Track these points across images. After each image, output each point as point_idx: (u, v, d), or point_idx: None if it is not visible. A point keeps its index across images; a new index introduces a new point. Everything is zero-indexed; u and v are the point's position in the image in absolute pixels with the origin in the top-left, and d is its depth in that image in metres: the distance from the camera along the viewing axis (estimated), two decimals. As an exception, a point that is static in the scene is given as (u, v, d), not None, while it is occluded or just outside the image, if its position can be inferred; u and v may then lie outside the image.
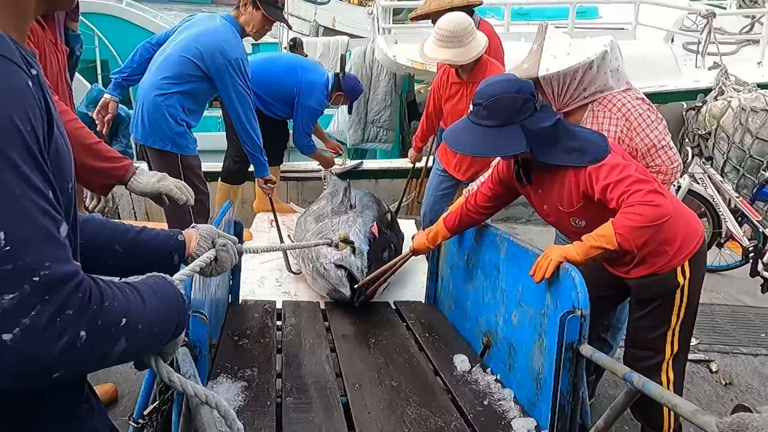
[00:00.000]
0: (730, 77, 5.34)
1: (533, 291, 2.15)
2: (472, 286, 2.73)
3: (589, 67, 2.26)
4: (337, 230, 3.25)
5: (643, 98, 2.35)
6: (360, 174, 5.46)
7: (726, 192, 4.13)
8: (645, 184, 1.85)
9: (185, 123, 3.17)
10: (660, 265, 2.03)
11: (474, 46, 3.33)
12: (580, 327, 1.84)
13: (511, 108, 2.00)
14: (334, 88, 4.41)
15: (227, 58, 3.11)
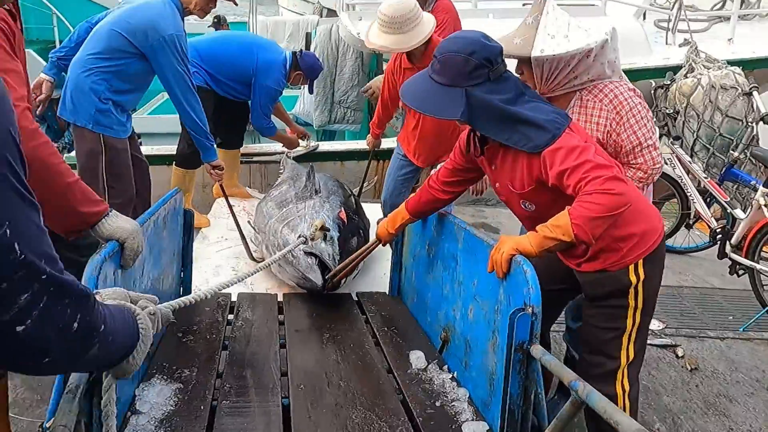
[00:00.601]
0: (700, 54, 5.22)
1: (488, 285, 2.03)
2: (432, 277, 2.60)
3: (587, 55, 2.09)
4: (304, 216, 3.11)
5: (635, 89, 2.20)
6: (325, 156, 5.28)
7: (694, 173, 4.04)
8: (604, 170, 1.71)
9: (111, 101, 2.97)
10: (611, 262, 1.90)
11: (416, 32, 3.13)
12: (531, 326, 1.71)
13: (460, 70, 1.86)
14: (293, 68, 4.23)
15: (161, 33, 2.91)
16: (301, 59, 4.27)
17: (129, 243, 1.74)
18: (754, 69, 5.64)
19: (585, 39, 2.09)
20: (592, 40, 2.08)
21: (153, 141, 6.07)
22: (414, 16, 3.16)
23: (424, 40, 3.18)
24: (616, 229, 1.84)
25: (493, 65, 1.87)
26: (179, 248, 2.71)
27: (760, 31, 6.40)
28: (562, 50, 2.09)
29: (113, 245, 1.70)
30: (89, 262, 1.58)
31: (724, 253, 3.78)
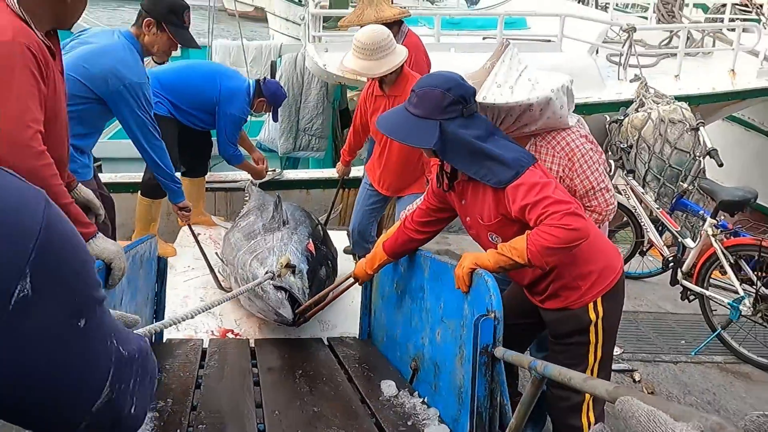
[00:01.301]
0: (649, 90, 5.50)
1: (453, 303, 2.13)
2: (401, 313, 2.67)
3: (529, 109, 2.20)
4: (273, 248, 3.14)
5: (587, 136, 2.33)
6: (291, 184, 5.33)
7: (647, 203, 4.24)
8: (563, 205, 1.83)
9: (71, 147, 2.89)
10: (572, 300, 2.02)
11: (388, 60, 3.26)
12: (494, 330, 1.84)
13: (437, 103, 1.98)
14: (256, 95, 4.28)
15: (123, 82, 2.84)
16: (264, 86, 4.32)
17: (116, 263, 1.83)
18: (699, 104, 5.96)
19: (527, 94, 2.19)
20: (534, 96, 2.17)
21: (114, 166, 6.02)
22: (387, 45, 3.28)
23: (394, 69, 3.30)
24: (576, 266, 1.96)
25: (467, 103, 1.99)
26: (152, 293, 2.71)
27: (704, 68, 6.78)
28: (501, 100, 2.20)
29: (98, 264, 1.76)
30: None
31: (676, 280, 3.96)
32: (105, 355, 0.67)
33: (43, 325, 0.57)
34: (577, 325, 2.02)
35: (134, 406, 0.74)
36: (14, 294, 0.53)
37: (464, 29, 6.61)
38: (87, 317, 0.63)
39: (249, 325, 3.23)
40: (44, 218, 0.57)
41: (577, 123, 2.37)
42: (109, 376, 0.67)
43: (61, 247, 0.59)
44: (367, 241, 3.95)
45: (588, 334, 2.02)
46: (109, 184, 5.04)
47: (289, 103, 6.17)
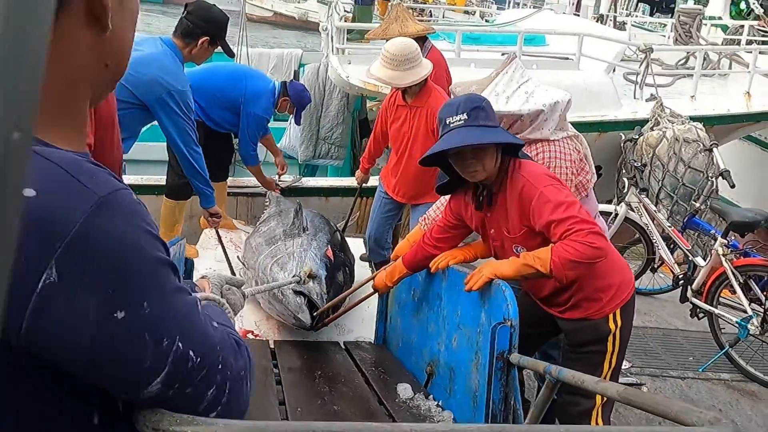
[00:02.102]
0: (665, 109, 5.58)
1: (470, 311, 2.23)
2: (417, 319, 2.76)
3: (519, 119, 2.36)
4: (293, 254, 3.24)
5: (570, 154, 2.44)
6: (310, 191, 5.44)
7: (659, 221, 4.31)
8: (587, 224, 1.92)
9: None
10: (593, 311, 2.12)
11: (414, 72, 3.39)
12: (510, 337, 1.93)
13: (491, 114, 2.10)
14: (281, 94, 4.37)
15: (167, 89, 2.97)
16: (290, 86, 4.40)
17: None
18: (714, 125, 6.03)
19: (519, 105, 2.34)
20: (525, 108, 2.33)
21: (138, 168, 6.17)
22: (414, 57, 3.41)
23: (419, 81, 3.43)
24: (597, 279, 2.06)
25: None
26: None
27: (720, 89, 6.84)
28: (495, 108, 2.32)
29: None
30: None
31: (686, 298, 4.02)
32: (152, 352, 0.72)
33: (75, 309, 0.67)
34: (596, 334, 2.12)
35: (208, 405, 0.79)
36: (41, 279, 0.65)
37: (484, 44, 6.72)
38: (127, 310, 0.70)
39: (268, 327, 3.33)
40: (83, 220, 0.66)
41: (565, 138, 2.46)
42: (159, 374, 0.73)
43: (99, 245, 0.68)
44: (383, 248, 4.05)
45: (606, 343, 2.12)
46: (134, 186, 5.22)
47: (311, 112, 6.28)
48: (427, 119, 3.54)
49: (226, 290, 1.40)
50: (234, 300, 1.38)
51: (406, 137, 3.68)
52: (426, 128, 3.57)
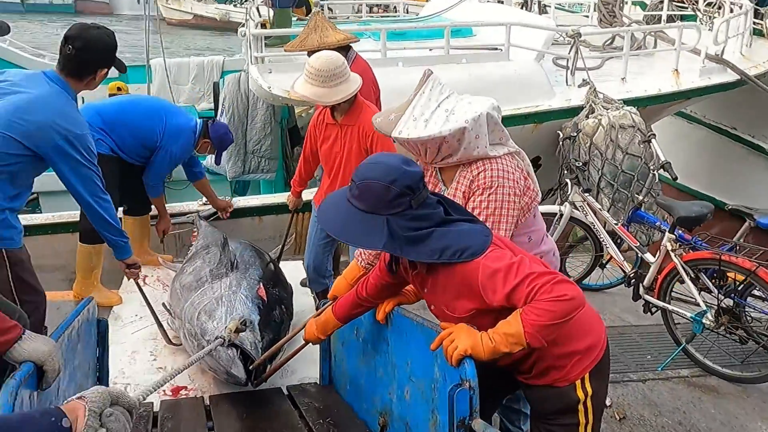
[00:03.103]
0: (598, 95, 5.51)
1: (422, 363, 2.00)
2: (364, 361, 2.53)
3: (444, 141, 2.14)
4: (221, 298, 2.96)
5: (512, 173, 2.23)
6: (242, 212, 5.11)
7: (605, 218, 4.21)
8: (547, 276, 1.69)
9: (6, 210, 2.62)
10: (556, 378, 1.89)
11: (342, 88, 3.15)
12: (470, 401, 1.71)
13: (380, 198, 1.78)
14: (202, 135, 4.09)
15: (63, 135, 2.61)
16: (212, 127, 4.15)
17: (49, 365, 1.64)
18: (646, 106, 6.01)
19: (439, 127, 2.12)
20: (446, 129, 2.11)
21: (53, 201, 5.69)
22: (341, 72, 3.16)
23: (348, 98, 3.20)
24: (557, 347, 1.83)
25: (414, 192, 1.79)
26: (93, 361, 2.50)
27: (648, 67, 6.84)
28: (414, 135, 2.14)
29: (28, 367, 1.59)
30: (2, 389, 1.46)
31: (638, 295, 3.94)
32: None
33: None
34: (564, 404, 1.88)
35: None
36: None
37: (411, 40, 6.49)
38: None
39: (204, 380, 3.03)
40: None
41: (505, 155, 2.26)
42: None
43: None
44: (324, 277, 3.80)
45: (577, 414, 1.89)
46: (47, 225, 4.78)
47: (236, 125, 5.94)
48: (359, 138, 3.31)
49: (107, 416, 1.16)
50: (117, 428, 1.16)
51: (338, 157, 3.43)
52: (359, 147, 3.33)
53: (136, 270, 3.29)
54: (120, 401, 1.22)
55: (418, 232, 1.78)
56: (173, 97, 7.64)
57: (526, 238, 2.36)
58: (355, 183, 1.83)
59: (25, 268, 2.69)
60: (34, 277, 2.75)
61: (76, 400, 1.16)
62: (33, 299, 2.68)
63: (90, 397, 1.16)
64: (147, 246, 4.50)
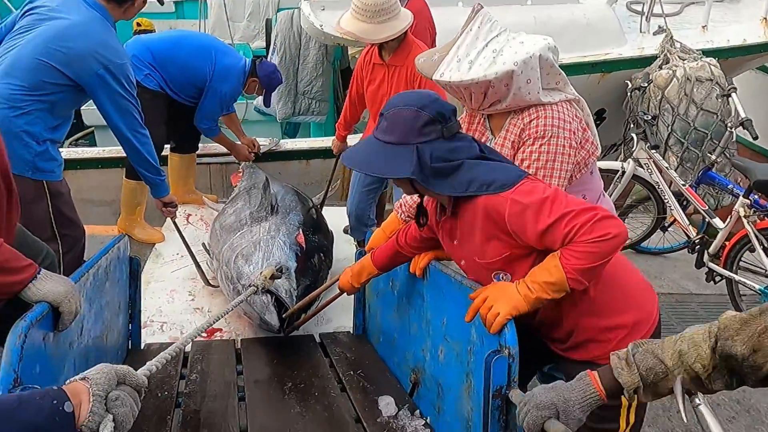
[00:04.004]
0: (675, 44, 5.10)
1: (458, 324, 1.88)
2: (398, 315, 2.43)
3: (490, 85, 1.94)
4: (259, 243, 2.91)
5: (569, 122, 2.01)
6: (289, 155, 5.04)
7: (672, 179, 3.92)
8: (587, 213, 1.52)
9: (48, 141, 2.58)
10: (597, 354, 1.69)
11: (390, 25, 2.97)
12: (508, 369, 1.58)
13: (410, 125, 1.67)
14: (250, 74, 3.98)
15: (104, 63, 2.53)
16: (259, 66, 4.03)
17: (65, 306, 1.58)
18: (728, 58, 5.54)
19: (484, 70, 1.93)
20: (491, 72, 1.92)
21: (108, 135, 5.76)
22: (390, 8, 3.00)
23: (397, 35, 3.04)
24: (602, 318, 1.65)
25: (446, 121, 1.68)
26: (125, 299, 2.48)
27: (733, 16, 6.28)
28: (456, 78, 1.97)
29: (41, 308, 1.53)
30: (11, 331, 1.40)
31: (702, 263, 3.69)
32: None
33: None
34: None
35: None
36: None
37: (473, -21, 6.14)
38: None
39: (239, 323, 3.02)
40: None
41: (562, 102, 2.04)
42: None
43: None
44: (366, 225, 3.70)
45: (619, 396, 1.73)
46: (97, 159, 4.84)
47: (287, 65, 5.82)
48: (407, 80, 3.14)
49: (113, 400, 1.06)
50: (124, 413, 1.05)
51: (384, 100, 3.26)
52: (406, 90, 3.15)
53: (172, 209, 3.26)
54: (127, 380, 1.13)
55: (448, 164, 1.67)
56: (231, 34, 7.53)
57: (581, 196, 2.15)
58: (383, 115, 1.73)
59: (64, 202, 2.67)
60: (73, 211, 2.74)
61: (80, 381, 1.08)
62: (72, 233, 2.68)
63: (95, 378, 1.07)
64: (192, 185, 4.50)
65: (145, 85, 3.76)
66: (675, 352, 1.23)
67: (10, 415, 0.94)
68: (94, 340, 2.02)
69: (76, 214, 2.79)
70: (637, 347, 1.29)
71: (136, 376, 1.15)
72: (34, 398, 0.99)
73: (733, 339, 1.14)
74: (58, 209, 2.63)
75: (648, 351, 1.27)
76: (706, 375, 1.19)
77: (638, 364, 1.27)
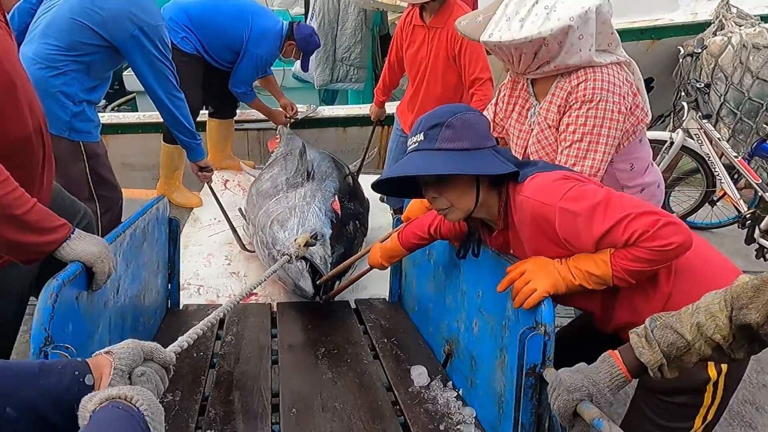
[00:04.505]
0: (731, 9, 4.85)
1: (494, 297, 1.84)
2: (434, 285, 2.41)
3: (544, 44, 1.85)
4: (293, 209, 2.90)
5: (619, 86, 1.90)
6: (326, 122, 5.02)
7: (724, 151, 3.75)
8: (648, 219, 1.41)
9: (84, 102, 2.60)
10: None
11: None
12: (543, 347, 1.53)
13: (479, 128, 1.62)
14: (287, 37, 3.93)
15: (138, 25, 2.52)
16: (297, 29, 3.98)
17: (98, 266, 1.58)
18: (789, 24, 5.25)
19: (538, 27, 1.83)
20: (546, 29, 1.82)
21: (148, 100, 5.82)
22: None
23: None
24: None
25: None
26: (164, 259, 2.51)
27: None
28: (507, 38, 1.86)
29: (74, 267, 1.53)
30: (43, 290, 1.41)
31: (753, 239, 3.55)
32: None
33: None
34: (688, 382, 1.52)
35: None
36: None
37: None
38: None
39: (274, 289, 3.04)
40: None
41: (612, 65, 1.93)
42: None
43: None
44: (403, 193, 3.65)
45: (703, 394, 1.56)
46: (137, 124, 4.89)
47: (325, 30, 5.76)
48: (447, 43, 3.05)
49: (138, 375, 1.04)
50: (149, 390, 1.02)
51: (423, 64, 3.20)
52: (446, 54, 3.07)
53: (208, 173, 3.27)
54: (155, 357, 1.10)
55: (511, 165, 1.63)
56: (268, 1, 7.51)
57: (628, 165, 2.08)
58: (442, 124, 1.62)
59: (101, 163, 2.70)
60: (110, 173, 2.78)
61: (104, 355, 1.06)
62: (109, 194, 2.71)
63: (119, 353, 1.05)
64: (230, 150, 4.52)
65: (181, 48, 3.77)
66: (693, 325, 1.19)
67: (31, 379, 0.94)
68: (131, 299, 2.05)
69: (113, 176, 2.82)
70: (654, 322, 1.25)
71: (164, 352, 1.12)
72: (56, 367, 0.99)
73: (748, 308, 1.12)
74: (95, 170, 2.66)
75: (666, 326, 1.23)
76: (727, 345, 1.16)
77: (658, 340, 1.22)
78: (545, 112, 2.00)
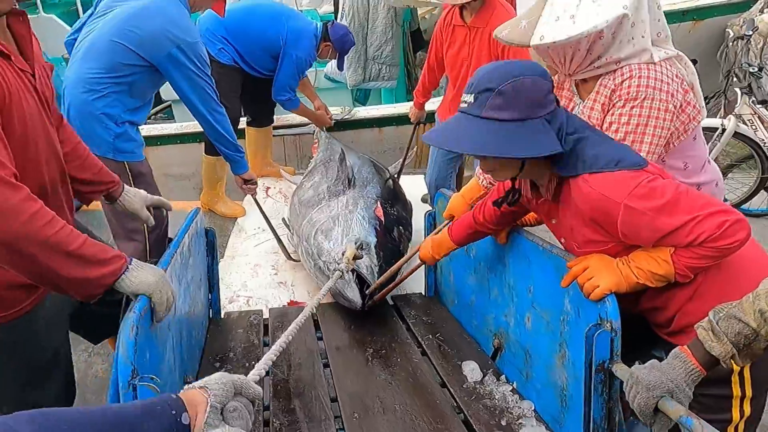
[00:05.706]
0: (781, -16, 4.80)
1: (548, 293, 1.94)
2: (475, 278, 2.52)
3: (599, 37, 1.88)
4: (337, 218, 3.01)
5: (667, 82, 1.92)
6: (362, 123, 5.15)
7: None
8: (715, 220, 1.45)
9: (126, 123, 2.72)
10: None
11: None
12: (611, 343, 1.61)
13: (535, 96, 1.57)
14: (322, 39, 4.08)
15: (176, 43, 2.64)
16: (331, 30, 4.11)
17: (156, 297, 1.61)
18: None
19: (593, 20, 1.84)
20: (601, 20, 1.84)
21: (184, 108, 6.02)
22: None
23: None
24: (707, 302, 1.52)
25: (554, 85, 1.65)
26: (205, 271, 2.66)
27: None
28: (562, 36, 1.87)
29: (144, 301, 1.59)
30: (122, 325, 1.51)
31: (810, 225, 3.54)
32: None
33: None
34: (712, 373, 1.50)
35: None
36: None
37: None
38: None
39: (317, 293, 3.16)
40: None
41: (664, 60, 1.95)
42: None
43: None
44: (446, 194, 3.76)
45: (729, 385, 1.61)
46: (177, 135, 5.09)
47: (356, 30, 5.88)
48: (491, 42, 3.11)
49: (230, 411, 1.09)
50: (240, 425, 1.07)
51: (465, 64, 3.28)
52: (489, 53, 3.15)
53: (252, 186, 3.38)
54: (244, 391, 1.12)
55: (573, 136, 1.62)
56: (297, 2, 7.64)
57: (682, 164, 2.07)
58: (492, 90, 1.58)
59: (146, 182, 2.82)
60: (156, 191, 2.91)
61: (198, 390, 1.07)
62: (155, 213, 2.86)
63: (214, 389, 1.07)
64: (270, 157, 4.69)
65: (218, 60, 3.94)
66: (756, 312, 1.25)
67: (138, 425, 0.97)
68: (184, 316, 2.17)
69: (159, 193, 2.97)
70: (717, 314, 1.30)
71: (253, 387, 1.14)
72: (156, 408, 1.01)
73: None
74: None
75: (730, 316, 1.29)
76: None
77: (725, 332, 1.28)
78: (589, 111, 2.04)
